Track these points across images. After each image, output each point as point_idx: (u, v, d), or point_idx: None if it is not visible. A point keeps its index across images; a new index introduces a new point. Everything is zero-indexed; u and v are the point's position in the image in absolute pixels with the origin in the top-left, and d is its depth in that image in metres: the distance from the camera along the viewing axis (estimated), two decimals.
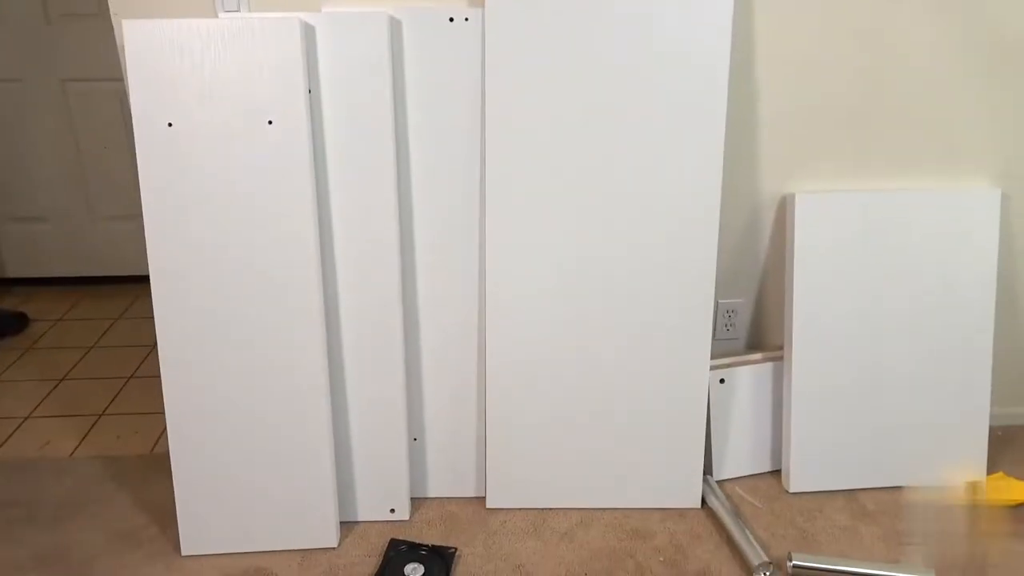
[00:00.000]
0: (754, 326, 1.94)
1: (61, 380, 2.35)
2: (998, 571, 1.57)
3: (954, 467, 1.83)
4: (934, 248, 1.75)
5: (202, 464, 1.60)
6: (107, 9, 2.59)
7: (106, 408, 2.20)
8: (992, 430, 2.02)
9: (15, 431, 2.09)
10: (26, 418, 2.16)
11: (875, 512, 1.75)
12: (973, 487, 1.80)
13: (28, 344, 2.58)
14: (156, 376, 2.34)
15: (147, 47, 1.42)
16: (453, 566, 1.59)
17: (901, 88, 1.70)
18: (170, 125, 1.45)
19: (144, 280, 2.98)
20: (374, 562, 1.61)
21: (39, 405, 2.22)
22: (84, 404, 2.22)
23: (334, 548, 1.65)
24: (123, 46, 1.49)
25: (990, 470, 1.86)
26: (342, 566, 1.60)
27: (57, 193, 2.87)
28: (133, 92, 1.43)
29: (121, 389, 2.30)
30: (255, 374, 1.56)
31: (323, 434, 1.60)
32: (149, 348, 2.54)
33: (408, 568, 1.57)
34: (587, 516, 1.74)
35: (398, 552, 1.62)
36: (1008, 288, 1.91)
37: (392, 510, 1.72)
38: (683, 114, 1.56)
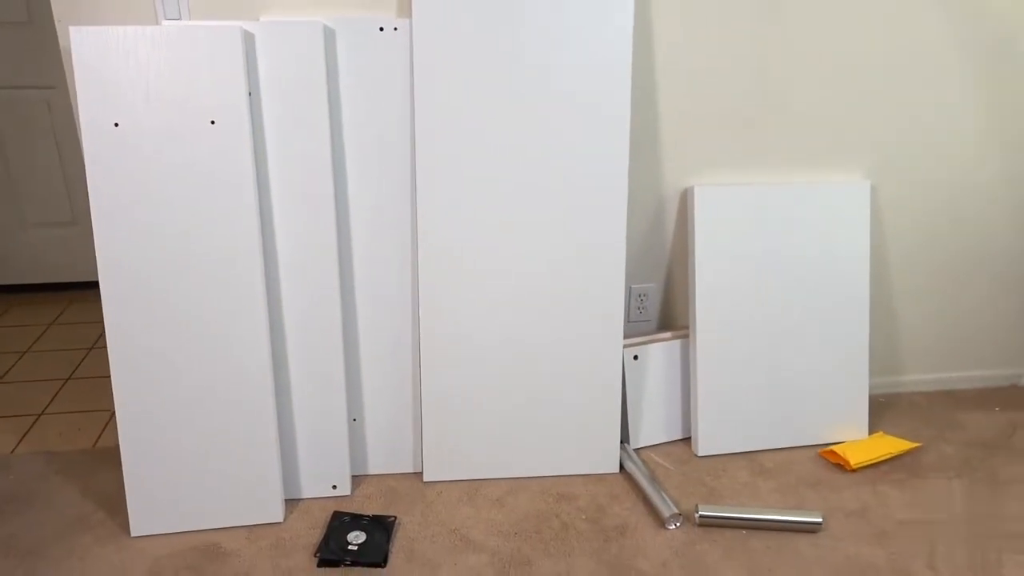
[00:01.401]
0: (664, 308, 2.14)
1: None
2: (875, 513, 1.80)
3: (839, 428, 2.06)
4: (815, 234, 1.99)
5: (150, 446, 1.68)
6: (37, 18, 2.63)
7: (45, 408, 2.23)
8: (875, 398, 2.28)
9: None
10: None
11: (772, 469, 1.96)
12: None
13: None
14: (94, 377, 2.40)
15: (94, 52, 1.51)
16: (393, 532, 1.72)
17: (784, 93, 1.94)
18: (116, 125, 1.55)
19: (75, 287, 3.03)
20: (318, 533, 1.72)
21: None
22: (21, 405, 2.25)
23: (280, 523, 1.75)
24: (69, 50, 1.57)
25: (872, 431, 2.11)
26: (288, 538, 1.71)
27: None
28: (80, 94, 1.52)
29: (59, 390, 2.33)
30: (201, 361, 1.66)
31: (267, 416, 1.71)
32: (85, 351, 2.57)
33: (351, 536, 1.69)
34: (516, 484, 1.90)
35: (341, 522, 1.73)
36: (881, 266, 2.16)
37: (334, 486, 1.84)
38: (591, 116, 1.74)
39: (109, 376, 2.36)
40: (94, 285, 3.03)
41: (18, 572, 1.60)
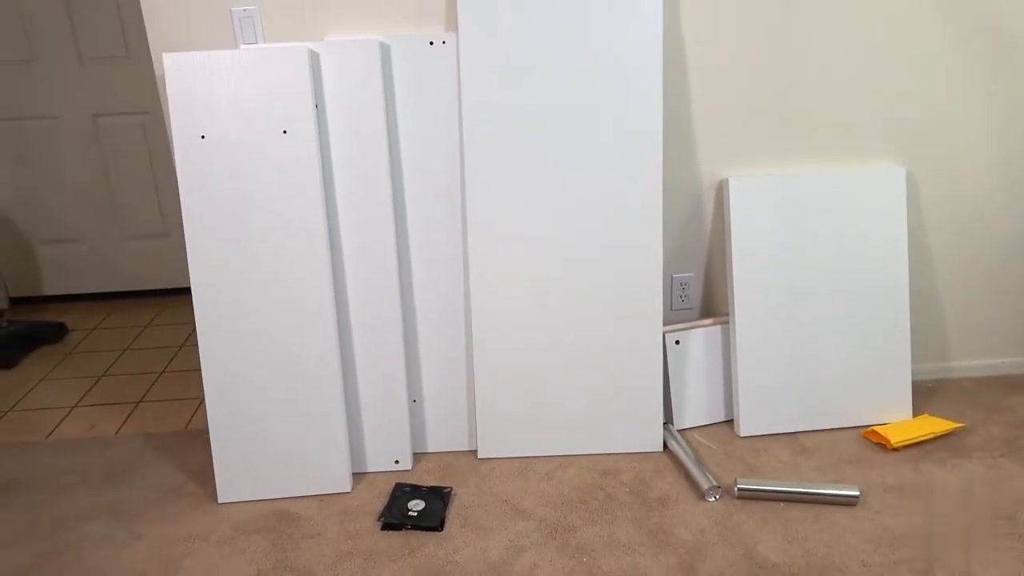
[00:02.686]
0: (705, 296, 2.24)
1: (101, 377, 2.65)
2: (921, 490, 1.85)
3: (882, 411, 2.11)
4: (851, 221, 2.05)
5: (234, 425, 1.88)
6: (133, 51, 2.94)
7: (143, 397, 2.49)
8: (922, 383, 2.31)
9: (64, 419, 2.38)
10: (72, 407, 2.45)
11: (812, 449, 2.03)
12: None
13: (68, 350, 2.87)
14: (185, 370, 2.65)
15: (183, 74, 1.74)
16: (449, 501, 1.87)
17: (815, 84, 2.02)
18: (203, 138, 1.77)
19: (167, 293, 3.33)
20: (382, 502, 1.89)
21: (83, 397, 2.51)
22: (123, 395, 2.51)
23: (348, 492, 1.93)
24: (162, 75, 1.81)
25: (917, 415, 2.14)
26: (355, 506, 1.88)
27: (88, 216, 3.19)
28: (172, 111, 1.75)
29: (155, 382, 2.59)
30: (278, 350, 1.86)
31: (336, 398, 1.89)
32: (177, 348, 2.83)
33: (411, 503, 1.85)
34: (565, 461, 2.02)
35: (402, 492, 1.89)
36: (922, 252, 2.20)
37: (396, 461, 2.01)
38: (626, 114, 1.87)
39: (198, 369, 2.63)
40: (183, 291, 3.33)
41: (124, 531, 1.82)
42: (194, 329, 3.00)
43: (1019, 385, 2.30)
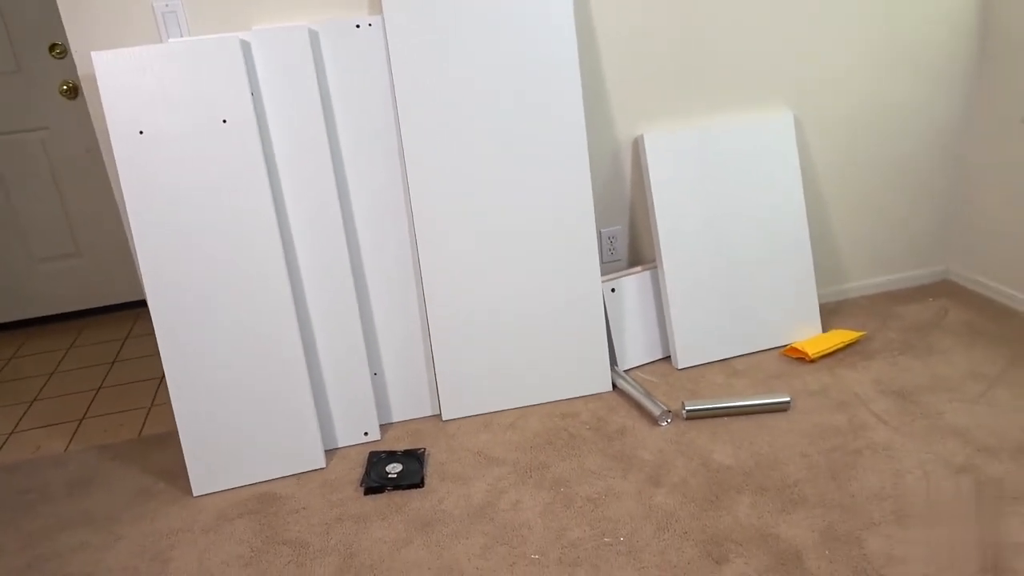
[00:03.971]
0: (632, 247, 2.42)
1: (32, 402, 2.55)
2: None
3: (797, 330, 2.36)
4: (752, 164, 2.28)
5: (202, 415, 1.90)
6: (25, 65, 2.83)
7: (84, 414, 2.43)
8: (825, 305, 2.59)
9: (4, 444, 2.29)
10: (10, 433, 2.36)
11: (743, 371, 2.25)
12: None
13: None
14: (125, 384, 2.61)
15: (115, 71, 1.74)
16: (425, 460, 1.96)
17: (712, 42, 2.23)
18: (141, 133, 1.78)
19: (86, 313, 3.20)
20: (359, 471, 1.95)
21: (19, 422, 2.42)
22: (62, 415, 2.44)
23: (323, 468, 1.98)
24: (91, 74, 1.81)
25: (825, 331, 2.41)
26: (333, 479, 1.94)
27: None
28: (108, 109, 1.75)
29: (93, 399, 2.53)
30: (239, 337, 1.89)
31: (301, 377, 1.94)
32: (109, 364, 2.76)
33: (388, 467, 1.93)
34: (525, 412, 2.15)
35: (378, 459, 1.97)
36: (814, 189, 2.47)
37: (365, 433, 2.07)
38: (546, 79, 2.02)
39: (138, 381, 2.60)
40: (103, 310, 3.23)
41: (101, 535, 1.81)
42: (123, 344, 2.93)
43: (905, 296, 2.61)
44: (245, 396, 1.92)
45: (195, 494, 1.92)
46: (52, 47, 2.82)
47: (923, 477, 1.72)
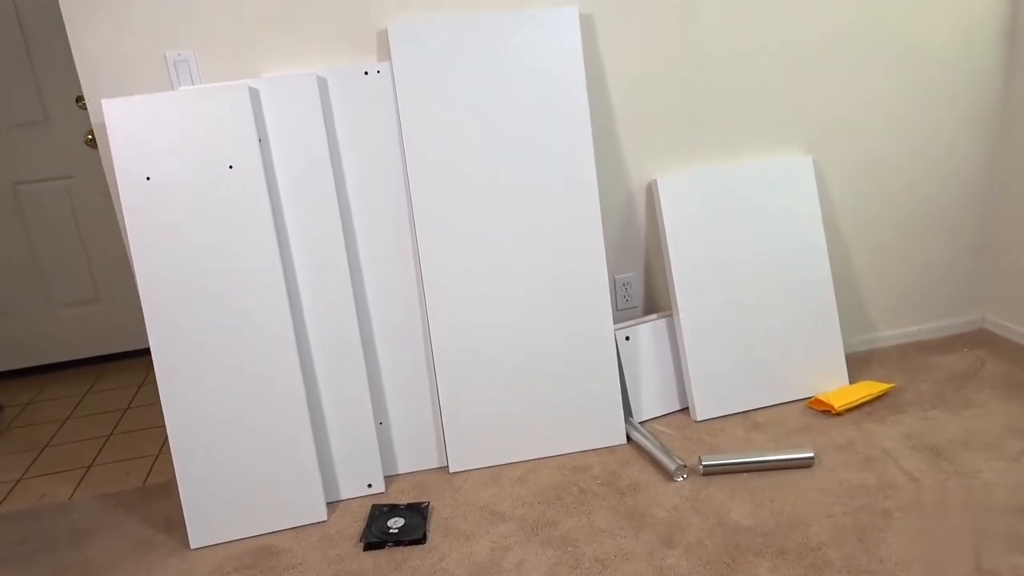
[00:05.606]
0: (648, 294, 2.35)
1: (44, 448, 2.54)
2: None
3: (822, 381, 2.25)
4: (770, 208, 2.22)
5: (202, 465, 1.86)
6: (52, 115, 2.91)
7: (93, 461, 2.41)
8: (853, 356, 2.48)
9: (10, 492, 2.27)
10: (17, 480, 2.34)
11: (764, 423, 2.14)
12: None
13: (3, 427, 2.75)
14: (136, 431, 2.59)
15: (124, 118, 1.76)
16: (428, 515, 1.89)
17: (726, 84, 2.19)
18: (148, 179, 1.78)
19: (104, 359, 3.21)
20: (360, 525, 1.88)
21: (27, 470, 2.41)
22: (71, 462, 2.42)
23: (324, 521, 1.92)
24: (102, 123, 1.83)
25: (852, 383, 2.30)
26: (333, 533, 1.87)
27: (14, 288, 3.08)
28: (116, 156, 1.76)
29: (103, 446, 2.51)
30: (240, 386, 1.85)
31: (303, 427, 1.89)
32: (122, 411, 2.75)
33: (390, 521, 1.85)
34: (535, 464, 2.07)
35: (380, 512, 1.90)
36: (837, 235, 2.39)
37: (369, 485, 2.01)
38: (558, 132, 1.99)
39: (149, 428, 2.58)
40: (121, 356, 3.24)
41: None
42: (138, 391, 2.92)
43: (938, 346, 2.49)
44: (246, 446, 1.88)
45: (192, 547, 1.87)
46: (78, 98, 2.88)
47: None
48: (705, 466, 1.92)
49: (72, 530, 2.01)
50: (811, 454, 1.92)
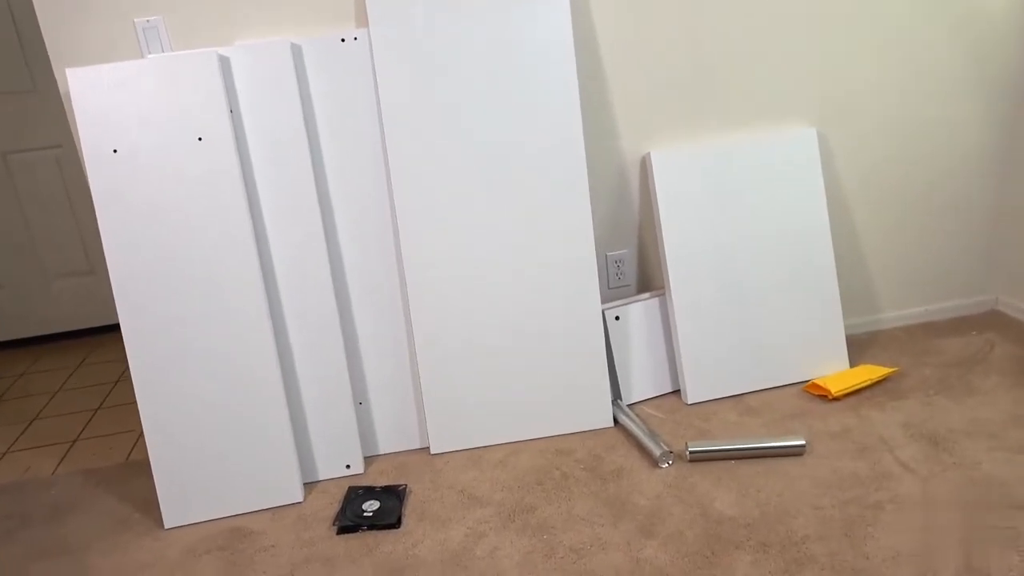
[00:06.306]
0: (641, 272, 2.27)
1: (32, 421, 2.53)
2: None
3: (820, 364, 2.16)
4: (770, 184, 2.11)
5: (175, 445, 1.82)
6: (40, 84, 2.85)
7: (78, 435, 2.39)
8: (856, 337, 2.39)
9: None
10: (3, 454, 2.33)
11: (758, 408, 2.07)
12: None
13: None
14: (123, 404, 2.57)
15: (89, 88, 1.70)
16: (405, 498, 1.84)
17: (725, 52, 2.08)
18: (115, 151, 1.72)
19: (99, 331, 3.20)
20: (336, 508, 1.85)
21: (14, 443, 2.40)
22: (57, 435, 2.41)
23: (300, 502, 1.88)
24: (67, 92, 1.77)
25: (854, 366, 2.21)
26: (308, 514, 1.84)
27: (7, 259, 3.06)
28: (81, 127, 1.70)
29: (90, 420, 2.50)
30: (214, 364, 1.81)
31: (279, 407, 1.85)
32: (112, 384, 2.73)
33: (365, 504, 1.81)
34: (518, 447, 2.02)
35: (356, 495, 1.86)
36: (841, 212, 2.28)
37: (348, 466, 1.97)
38: (541, 92, 1.90)
39: (135, 402, 2.54)
40: (115, 328, 3.22)
41: (74, 565, 1.74)
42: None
43: (946, 329, 2.39)
44: (220, 425, 1.84)
45: (166, 526, 1.84)
46: None
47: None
48: (692, 452, 1.86)
49: (52, 506, 2.00)
50: (803, 441, 1.84)
